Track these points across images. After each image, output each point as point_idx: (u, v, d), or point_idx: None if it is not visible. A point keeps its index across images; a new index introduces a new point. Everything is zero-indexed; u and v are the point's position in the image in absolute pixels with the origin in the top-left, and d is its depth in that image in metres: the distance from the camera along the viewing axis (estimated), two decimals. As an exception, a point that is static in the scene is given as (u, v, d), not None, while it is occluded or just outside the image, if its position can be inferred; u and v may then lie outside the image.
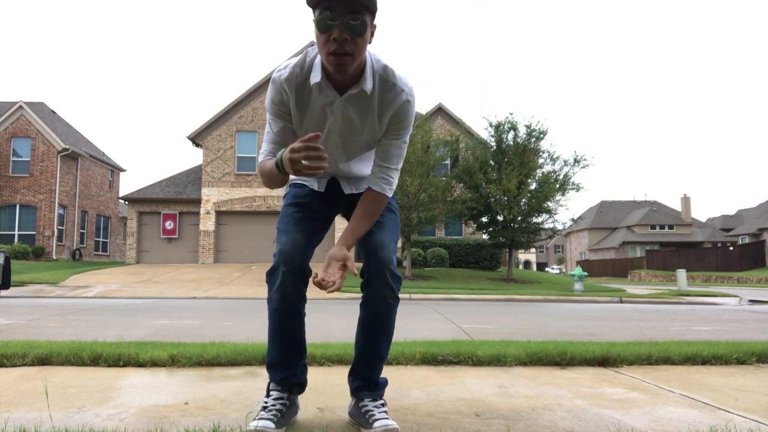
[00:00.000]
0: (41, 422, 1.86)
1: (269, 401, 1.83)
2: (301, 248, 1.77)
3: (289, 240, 1.78)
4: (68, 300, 10.60)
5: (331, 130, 1.78)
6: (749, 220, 50.97)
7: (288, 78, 1.70)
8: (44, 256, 23.73)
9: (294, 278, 1.74)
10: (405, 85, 1.73)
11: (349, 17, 1.50)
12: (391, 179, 1.84)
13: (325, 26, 1.52)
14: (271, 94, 1.75)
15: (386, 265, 1.76)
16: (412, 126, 1.83)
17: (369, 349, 1.88)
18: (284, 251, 1.75)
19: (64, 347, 3.08)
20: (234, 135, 23.33)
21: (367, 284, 1.80)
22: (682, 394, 2.42)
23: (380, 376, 1.93)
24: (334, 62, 1.55)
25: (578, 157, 17.60)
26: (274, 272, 1.76)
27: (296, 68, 1.70)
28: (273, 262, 1.77)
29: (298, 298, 1.79)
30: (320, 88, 1.68)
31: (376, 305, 1.80)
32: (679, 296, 14.21)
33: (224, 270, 18.87)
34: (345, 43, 1.52)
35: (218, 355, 2.96)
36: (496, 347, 3.29)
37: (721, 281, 32.02)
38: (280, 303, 1.78)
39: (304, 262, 1.76)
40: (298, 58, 1.73)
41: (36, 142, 24.88)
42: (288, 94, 1.72)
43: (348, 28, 1.51)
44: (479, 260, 21.87)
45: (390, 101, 1.72)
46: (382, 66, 1.72)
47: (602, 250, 57.01)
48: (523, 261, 78.57)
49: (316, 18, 1.54)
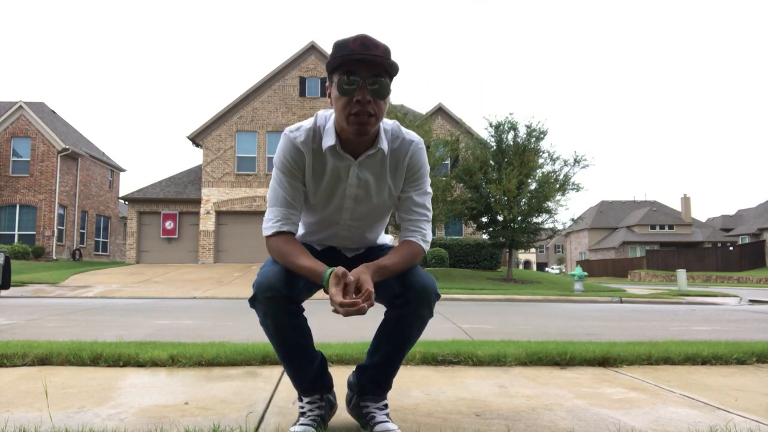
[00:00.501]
0: (41, 422, 1.86)
1: (305, 406, 1.79)
2: (285, 279, 1.64)
3: (271, 270, 1.66)
4: (68, 300, 10.60)
5: (346, 194, 1.75)
6: (749, 220, 50.95)
7: (304, 141, 1.69)
8: (44, 256, 23.74)
9: (278, 303, 1.63)
10: (414, 137, 1.76)
11: (371, 80, 1.54)
12: (425, 232, 1.79)
13: (348, 89, 1.54)
14: (285, 152, 1.70)
15: (432, 290, 1.70)
16: (428, 173, 1.82)
17: (392, 359, 1.81)
18: (262, 282, 1.62)
19: (64, 347, 3.08)
20: (234, 135, 23.33)
21: (405, 303, 1.69)
22: (682, 394, 2.42)
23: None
24: (356, 123, 1.56)
25: (578, 157, 17.60)
26: (254, 300, 1.65)
27: (310, 132, 1.70)
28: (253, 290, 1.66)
29: (294, 314, 1.68)
30: (334, 153, 1.68)
31: (412, 321, 1.73)
32: (679, 296, 14.21)
33: (224, 270, 18.87)
34: (368, 105, 1.55)
35: (218, 355, 2.96)
36: (496, 347, 3.29)
37: (721, 281, 32.02)
38: (275, 329, 1.69)
39: (289, 288, 1.64)
40: (308, 121, 1.73)
41: (36, 142, 24.88)
42: (304, 156, 1.70)
43: (371, 90, 1.54)
44: (479, 260, 21.87)
45: (402, 155, 1.73)
46: (392, 124, 1.75)
47: (602, 250, 57.01)
48: (523, 261, 78.57)
49: (337, 81, 1.56)
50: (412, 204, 1.79)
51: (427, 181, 1.82)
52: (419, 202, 1.79)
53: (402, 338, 1.77)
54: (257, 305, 1.65)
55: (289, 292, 1.63)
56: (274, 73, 23.76)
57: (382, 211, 1.84)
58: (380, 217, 1.87)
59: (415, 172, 1.77)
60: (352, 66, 1.52)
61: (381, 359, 1.81)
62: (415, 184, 1.78)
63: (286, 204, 1.73)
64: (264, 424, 1.92)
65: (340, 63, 1.53)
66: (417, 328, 1.75)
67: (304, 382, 1.79)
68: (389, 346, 1.79)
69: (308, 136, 1.69)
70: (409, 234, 1.78)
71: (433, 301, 1.71)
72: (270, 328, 1.69)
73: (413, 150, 1.74)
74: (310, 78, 23.97)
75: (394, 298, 1.70)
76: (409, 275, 1.69)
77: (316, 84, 24.00)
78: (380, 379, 1.83)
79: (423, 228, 1.79)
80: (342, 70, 1.54)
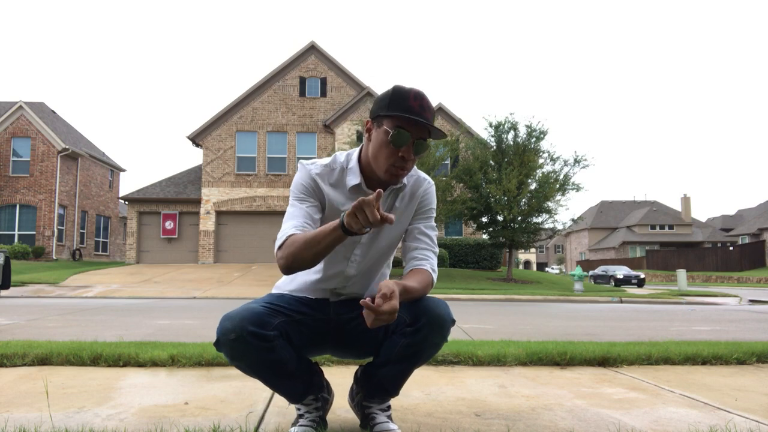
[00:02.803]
0: (41, 422, 1.86)
1: (302, 408, 1.79)
2: (258, 317, 1.56)
3: (246, 307, 1.59)
4: (68, 300, 10.60)
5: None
6: (749, 220, 50.96)
7: (320, 173, 1.73)
8: (44, 256, 23.74)
9: (247, 341, 1.53)
10: (426, 176, 1.85)
11: (419, 141, 1.62)
12: (433, 262, 1.77)
13: (399, 143, 1.60)
14: (301, 180, 1.72)
15: (448, 318, 1.66)
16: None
17: (403, 374, 1.76)
18: (225, 325, 1.54)
19: (64, 347, 3.08)
20: (234, 135, 23.33)
21: (418, 330, 1.64)
22: (682, 394, 2.42)
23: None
24: (395, 173, 1.65)
25: (578, 157, 17.59)
26: (218, 344, 1.58)
27: (327, 168, 1.74)
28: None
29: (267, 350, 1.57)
30: (358, 191, 1.72)
31: (425, 348, 1.68)
32: (679, 296, 14.22)
33: (224, 270, 18.87)
34: (410, 162, 1.64)
35: (218, 355, 2.96)
36: (496, 347, 3.29)
37: (721, 281, 32.02)
38: (253, 368, 1.62)
39: (257, 325, 1.55)
40: (324, 159, 1.77)
41: (36, 142, 24.88)
42: (320, 186, 1.72)
43: (415, 149, 1.62)
44: (479, 260, 21.87)
45: (417, 189, 1.80)
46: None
47: (602, 250, 57.01)
48: (523, 261, 78.58)
49: (391, 132, 1.59)
50: (420, 233, 1.81)
51: (434, 215, 1.86)
52: (427, 232, 1.82)
53: (414, 361, 1.72)
54: (222, 348, 1.57)
55: (258, 328, 1.54)
56: (274, 73, 23.76)
57: (391, 246, 1.83)
58: (388, 254, 1.85)
59: (428, 209, 1.83)
60: (408, 123, 1.59)
61: (391, 373, 1.75)
62: (424, 217, 1.82)
63: (303, 216, 1.67)
64: (264, 424, 1.92)
65: (397, 115, 1.59)
66: (431, 353, 1.73)
67: (289, 395, 1.76)
68: (400, 366, 1.73)
69: (324, 170, 1.74)
70: (419, 262, 1.75)
71: (448, 328, 1.68)
72: (243, 368, 1.63)
73: (427, 187, 1.82)
74: (310, 78, 23.97)
75: (405, 326, 1.65)
76: (421, 302, 1.66)
77: (316, 84, 24.00)
78: (389, 387, 1.80)
79: (431, 258, 1.79)
80: (397, 122, 1.60)
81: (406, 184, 1.76)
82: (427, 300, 1.67)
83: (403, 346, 1.67)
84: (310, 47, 24.08)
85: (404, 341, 1.66)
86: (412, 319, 1.64)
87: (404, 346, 1.67)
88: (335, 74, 24.13)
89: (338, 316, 1.77)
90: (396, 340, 1.67)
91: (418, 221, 1.82)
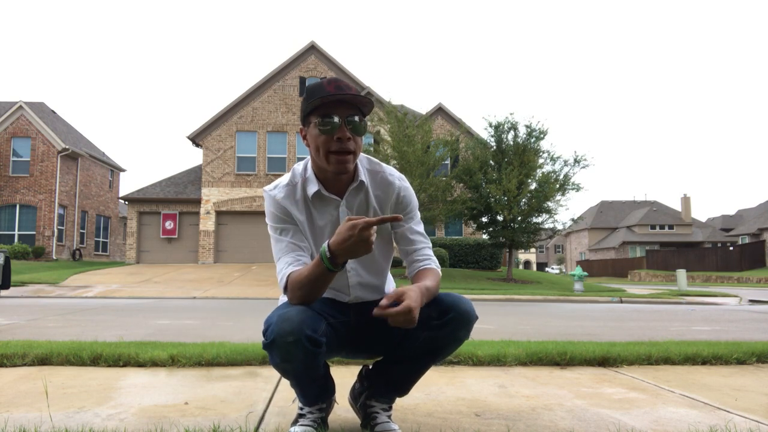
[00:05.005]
0: (41, 422, 1.86)
1: (305, 408, 1.78)
2: (311, 319, 1.56)
3: (301, 309, 1.58)
4: (68, 300, 10.61)
5: None
6: (749, 220, 50.96)
7: (285, 196, 1.72)
8: (44, 256, 23.74)
9: (303, 345, 1.53)
10: (392, 172, 1.80)
11: (349, 118, 1.60)
12: (434, 258, 1.80)
13: (328, 128, 1.59)
14: (271, 209, 1.73)
15: (474, 314, 1.69)
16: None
17: (419, 370, 1.79)
18: (282, 326, 1.53)
19: (64, 347, 3.08)
20: (234, 135, 23.34)
21: (446, 323, 1.66)
22: (682, 394, 2.42)
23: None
24: (337, 161, 1.62)
25: (578, 157, 17.59)
26: (271, 345, 1.55)
27: (288, 186, 1.73)
28: (267, 332, 1.56)
29: (316, 354, 1.58)
30: (320, 197, 1.72)
31: (449, 342, 1.71)
32: (679, 296, 14.21)
33: (224, 270, 18.87)
34: (348, 142, 1.61)
35: (218, 355, 2.96)
36: (496, 347, 3.29)
37: (721, 281, 32.01)
38: (296, 371, 1.63)
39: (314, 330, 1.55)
40: (284, 177, 1.76)
41: (36, 142, 24.88)
42: (290, 209, 1.72)
43: (350, 128, 1.61)
44: (479, 260, 21.87)
45: (388, 193, 1.77)
46: (365, 158, 1.78)
47: (602, 250, 57.01)
48: (523, 261, 78.57)
49: (316, 122, 1.60)
50: (412, 233, 1.81)
51: (418, 213, 1.85)
52: (418, 230, 1.82)
53: (435, 355, 1.73)
54: (275, 349, 1.56)
55: (314, 333, 1.55)
56: (274, 73, 23.76)
57: (385, 246, 1.82)
58: (387, 253, 1.84)
59: (410, 208, 1.81)
60: (331, 107, 1.59)
61: (406, 370, 1.77)
62: (409, 215, 1.81)
63: (292, 249, 1.70)
64: (264, 424, 1.92)
65: (318, 105, 1.59)
66: (452, 349, 1.74)
67: (309, 397, 1.77)
68: (418, 362, 1.75)
69: (288, 191, 1.72)
70: (424, 263, 1.78)
71: (473, 324, 1.70)
72: (286, 369, 1.63)
73: (401, 186, 1.79)
74: (310, 78, 23.96)
75: (431, 320, 1.66)
76: (447, 298, 1.69)
77: (316, 84, 23.99)
78: (401, 385, 1.80)
79: (431, 255, 1.81)
80: (320, 111, 1.60)
81: (365, 181, 1.73)
82: (452, 296, 1.69)
83: (425, 339, 1.68)
84: (310, 47, 24.08)
85: (428, 335, 1.67)
86: (439, 314, 1.66)
87: (427, 340, 1.68)
88: (335, 74, 24.12)
89: (357, 317, 1.79)
90: (418, 334, 1.68)
91: (406, 222, 1.81)
